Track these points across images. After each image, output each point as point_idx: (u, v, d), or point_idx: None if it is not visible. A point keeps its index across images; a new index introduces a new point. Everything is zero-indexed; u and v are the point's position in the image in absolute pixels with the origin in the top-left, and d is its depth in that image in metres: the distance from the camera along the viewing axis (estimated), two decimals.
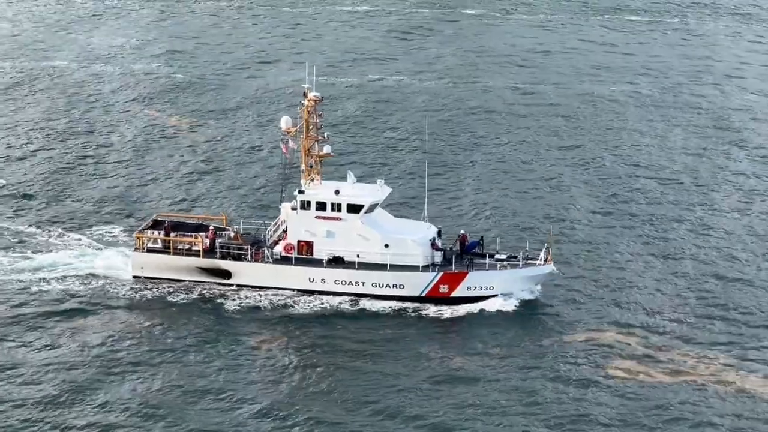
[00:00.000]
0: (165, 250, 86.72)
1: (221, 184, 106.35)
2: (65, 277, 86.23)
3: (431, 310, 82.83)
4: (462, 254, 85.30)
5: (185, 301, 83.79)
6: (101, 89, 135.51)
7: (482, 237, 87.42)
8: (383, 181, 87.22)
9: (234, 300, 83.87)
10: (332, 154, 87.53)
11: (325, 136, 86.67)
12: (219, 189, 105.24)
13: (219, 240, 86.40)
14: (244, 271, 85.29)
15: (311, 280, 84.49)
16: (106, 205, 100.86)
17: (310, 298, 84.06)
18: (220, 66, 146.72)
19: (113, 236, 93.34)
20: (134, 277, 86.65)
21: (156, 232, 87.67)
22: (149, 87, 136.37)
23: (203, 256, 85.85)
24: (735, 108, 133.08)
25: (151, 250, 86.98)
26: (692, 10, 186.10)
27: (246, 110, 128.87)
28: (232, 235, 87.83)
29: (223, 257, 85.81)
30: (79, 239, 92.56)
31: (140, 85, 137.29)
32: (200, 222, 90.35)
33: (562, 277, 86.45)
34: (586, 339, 78.84)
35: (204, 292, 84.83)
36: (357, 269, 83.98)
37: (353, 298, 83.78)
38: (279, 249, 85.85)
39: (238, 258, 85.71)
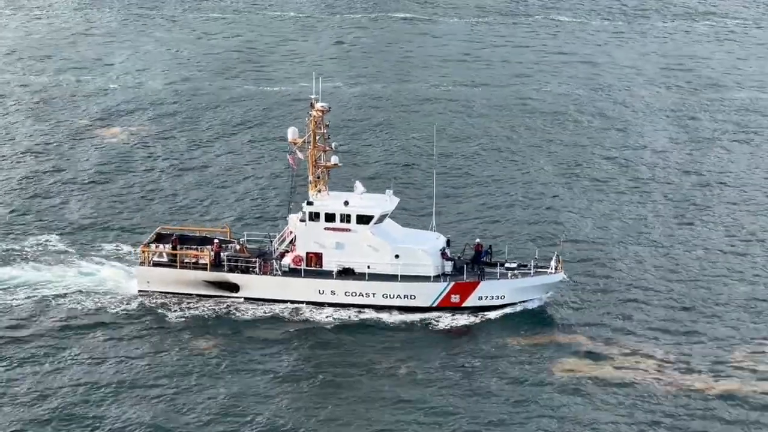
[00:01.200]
0: (171, 263, 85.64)
1: (217, 196, 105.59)
2: (69, 293, 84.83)
3: (441, 320, 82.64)
4: (474, 263, 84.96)
5: (192, 315, 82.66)
6: (62, 103, 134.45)
7: (491, 246, 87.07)
8: (391, 191, 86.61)
9: (241, 313, 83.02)
10: (340, 164, 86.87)
11: (333, 146, 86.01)
12: (216, 201, 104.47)
13: (225, 253, 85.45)
14: (253, 284, 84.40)
15: (321, 292, 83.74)
16: (104, 219, 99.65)
17: (318, 310, 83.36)
18: (159, 76, 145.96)
19: (116, 251, 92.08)
20: (140, 291, 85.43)
21: (161, 246, 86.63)
22: (106, 102, 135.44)
23: (210, 270, 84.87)
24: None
25: (156, 264, 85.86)
26: (621, 11, 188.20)
27: (211, 122, 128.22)
28: (238, 247, 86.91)
29: (231, 270, 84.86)
30: (79, 254, 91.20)
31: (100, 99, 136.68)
32: (205, 235, 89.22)
33: (569, 285, 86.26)
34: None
35: (211, 305, 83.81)
36: (367, 280, 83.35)
37: (360, 309, 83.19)
38: (287, 261, 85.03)
39: (245, 271, 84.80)
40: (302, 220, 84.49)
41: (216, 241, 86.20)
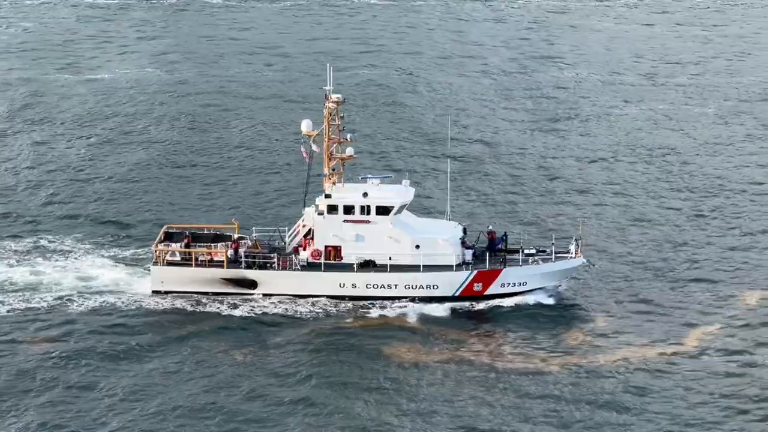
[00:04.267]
0: (185, 262, 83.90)
1: (216, 193, 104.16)
2: (80, 296, 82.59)
3: (464, 310, 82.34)
4: (489, 251, 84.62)
5: (210, 314, 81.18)
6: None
7: (505, 233, 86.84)
8: (408, 181, 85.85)
9: (260, 310, 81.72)
10: (355, 156, 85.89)
11: (348, 138, 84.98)
12: (216, 197, 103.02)
13: (242, 249, 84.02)
14: (272, 280, 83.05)
15: (342, 285, 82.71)
16: (101, 219, 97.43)
17: (338, 303, 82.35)
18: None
19: (120, 251, 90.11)
20: (153, 291, 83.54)
21: (173, 245, 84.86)
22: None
23: (227, 267, 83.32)
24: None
25: (170, 263, 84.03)
26: None
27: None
28: (250, 243, 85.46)
29: (249, 266, 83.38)
30: (83, 255, 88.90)
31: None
32: (216, 232, 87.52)
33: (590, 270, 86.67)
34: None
35: (229, 303, 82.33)
36: (389, 272, 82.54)
37: (382, 301, 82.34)
38: (305, 255, 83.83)
39: (263, 267, 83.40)
40: (320, 213, 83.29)
41: (235, 237, 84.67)
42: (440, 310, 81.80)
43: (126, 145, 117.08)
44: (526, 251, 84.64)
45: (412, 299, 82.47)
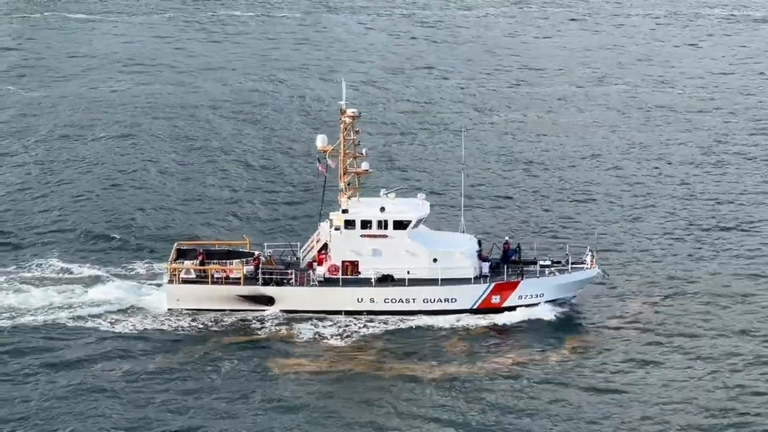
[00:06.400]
0: (201, 279, 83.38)
1: (223, 210, 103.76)
2: (95, 315, 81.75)
3: (482, 322, 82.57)
4: (503, 262, 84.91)
5: (228, 331, 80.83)
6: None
7: (519, 245, 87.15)
8: (423, 195, 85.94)
9: (277, 326, 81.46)
10: (370, 170, 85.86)
11: (364, 152, 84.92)
12: (225, 214, 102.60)
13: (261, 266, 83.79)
14: (289, 296, 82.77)
15: (360, 300, 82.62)
16: (109, 237, 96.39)
17: (356, 319, 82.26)
18: None
19: (135, 269, 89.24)
20: (169, 309, 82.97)
21: (187, 262, 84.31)
22: None
23: (244, 284, 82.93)
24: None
25: (185, 281, 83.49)
26: None
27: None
28: (263, 260, 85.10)
29: (266, 283, 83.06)
30: (97, 275, 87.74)
31: None
32: (228, 248, 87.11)
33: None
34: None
35: (246, 320, 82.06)
36: (408, 286, 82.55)
37: (400, 316, 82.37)
38: (322, 271, 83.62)
39: (280, 283, 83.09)
40: (336, 229, 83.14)
41: (257, 254, 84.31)
42: (458, 323, 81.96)
43: (130, 160, 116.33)
44: (540, 262, 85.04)
45: (431, 313, 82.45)
